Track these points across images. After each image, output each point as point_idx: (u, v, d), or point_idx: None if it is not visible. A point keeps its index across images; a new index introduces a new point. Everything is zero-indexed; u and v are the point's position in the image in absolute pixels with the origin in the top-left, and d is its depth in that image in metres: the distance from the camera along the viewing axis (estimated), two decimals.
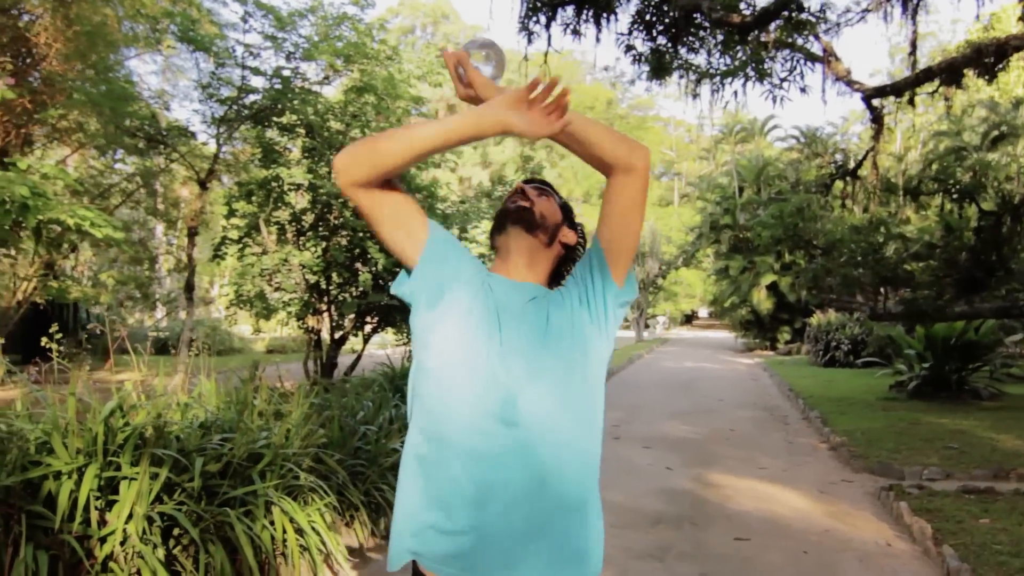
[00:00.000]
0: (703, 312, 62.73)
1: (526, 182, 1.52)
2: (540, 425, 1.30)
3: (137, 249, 19.96)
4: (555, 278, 1.51)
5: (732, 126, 30.76)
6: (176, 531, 2.85)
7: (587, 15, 9.44)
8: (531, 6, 9.34)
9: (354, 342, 10.97)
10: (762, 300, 22.69)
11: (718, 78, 8.94)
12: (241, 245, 10.54)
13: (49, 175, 7.80)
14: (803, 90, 7.86)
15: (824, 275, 9.79)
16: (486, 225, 14.41)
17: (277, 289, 10.48)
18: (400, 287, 1.42)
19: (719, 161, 36.27)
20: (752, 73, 8.07)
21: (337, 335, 10.04)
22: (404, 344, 10.91)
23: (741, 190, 24.45)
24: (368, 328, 10.50)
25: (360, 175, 1.31)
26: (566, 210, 1.55)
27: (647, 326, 33.11)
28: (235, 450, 3.08)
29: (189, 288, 11.27)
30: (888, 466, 6.10)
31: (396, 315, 10.16)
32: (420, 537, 1.32)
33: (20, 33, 12.75)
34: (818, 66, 8.97)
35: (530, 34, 10.29)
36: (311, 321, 10.34)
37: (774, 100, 8.11)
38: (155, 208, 19.09)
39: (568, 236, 1.52)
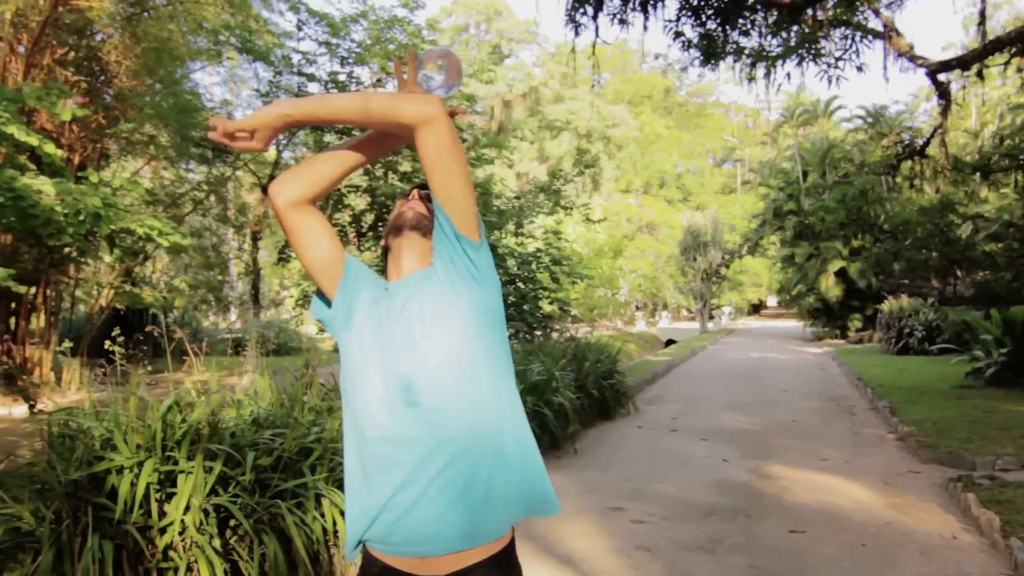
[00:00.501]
0: (772, 301, 61.28)
1: (419, 186, 1.58)
2: (439, 395, 1.37)
3: (208, 254, 20.78)
4: None
5: (794, 109, 29.83)
6: (232, 522, 2.99)
7: (634, 3, 9.33)
8: None
9: None
10: (830, 287, 21.98)
11: (772, 60, 8.71)
12: None
13: (120, 187, 8.19)
14: (860, 68, 7.60)
15: (889, 259, 9.43)
16: (542, 220, 14.44)
17: None
18: (318, 313, 1.54)
19: (781, 146, 35.26)
20: (807, 53, 7.82)
21: None
22: None
23: (805, 175, 23.73)
24: None
25: (297, 192, 1.44)
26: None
27: (712, 317, 32.55)
28: (285, 444, 3.20)
29: (255, 291, 11.69)
30: (959, 456, 5.86)
31: None
32: (360, 522, 1.40)
33: (93, 53, 13.41)
34: (878, 43, 8.66)
35: (577, 26, 10.24)
36: None
37: (829, 81, 7.87)
38: (224, 215, 19.81)
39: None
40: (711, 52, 9.76)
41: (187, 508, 2.78)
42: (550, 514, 1.46)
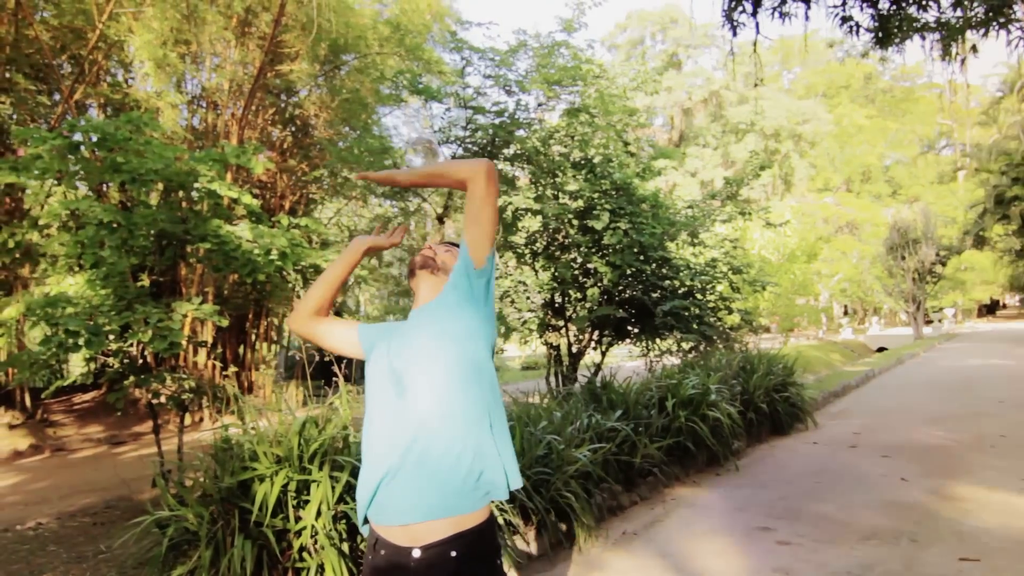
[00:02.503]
0: (1012, 300, 53.91)
1: (442, 243, 2.09)
2: (419, 387, 1.72)
3: (403, 282, 22.45)
4: None
5: (1014, 82, 26.12)
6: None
7: None
8: None
9: (593, 354, 11.23)
10: None
11: (956, 33, 7.82)
12: None
13: (306, 227, 9.18)
14: None
15: None
16: (723, 228, 13.94)
17: (517, 309, 11.13)
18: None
19: (1002, 124, 30.98)
20: (994, 21, 6.91)
21: (575, 349, 10.40)
22: (643, 355, 10.98)
23: None
24: (606, 340, 10.72)
25: (303, 319, 2.00)
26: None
27: (929, 321, 29.31)
28: None
29: None
30: None
31: (626, 327, 10.29)
32: (361, 501, 1.77)
33: (296, 110, 15.18)
34: None
35: (735, 26, 9.90)
36: (551, 337, 10.84)
37: None
38: (414, 245, 21.31)
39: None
40: (886, 33, 8.98)
41: (318, 514, 3.12)
42: (500, 497, 1.75)
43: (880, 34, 9.30)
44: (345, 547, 3.14)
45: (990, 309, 52.34)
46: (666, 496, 5.46)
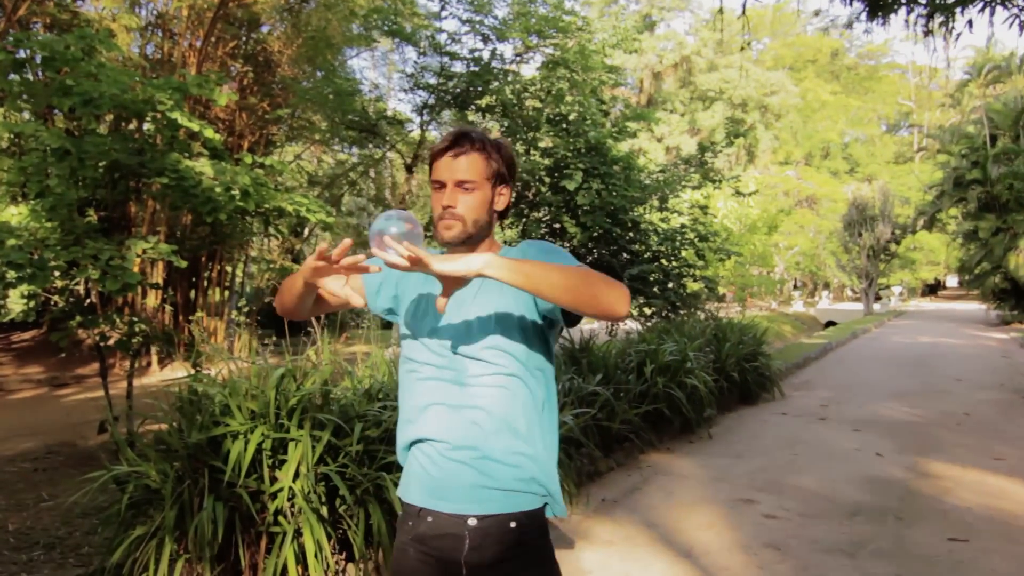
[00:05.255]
0: (952, 281, 55.75)
1: (455, 141, 1.49)
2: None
3: (364, 232, 21.92)
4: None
5: (982, 65, 26.48)
6: (341, 491, 3.05)
7: None
8: None
9: None
10: (1020, 265, 19.51)
11: (951, 8, 7.68)
12: None
13: (271, 167, 8.71)
14: None
15: None
16: (690, 195, 13.83)
17: None
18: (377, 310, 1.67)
19: (965, 108, 31.48)
20: None
21: None
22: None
23: (994, 139, 21.09)
24: None
25: (292, 309, 1.59)
26: (503, 166, 1.53)
27: (879, 298, 30.03)
28: (394, 416, 3.22)
29: None
30: None
31: None
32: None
33: (259, 45, 14.40)
34: None
35: None
36: None
37: (1021, 26, 6.81)
38: (378, 195, 20.77)
39: (501, 200, 1.56)
40: (878, 3, 8.82)
41: (296, 475, 2.85)
42: (558, 514, 1.50)
43: (872, 4, 9.13)
44: (324, 510, 2.89)
45: (932, 289, 54.07)
46: (641, 463, 5.34)
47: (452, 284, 1.28)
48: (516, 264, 1.24)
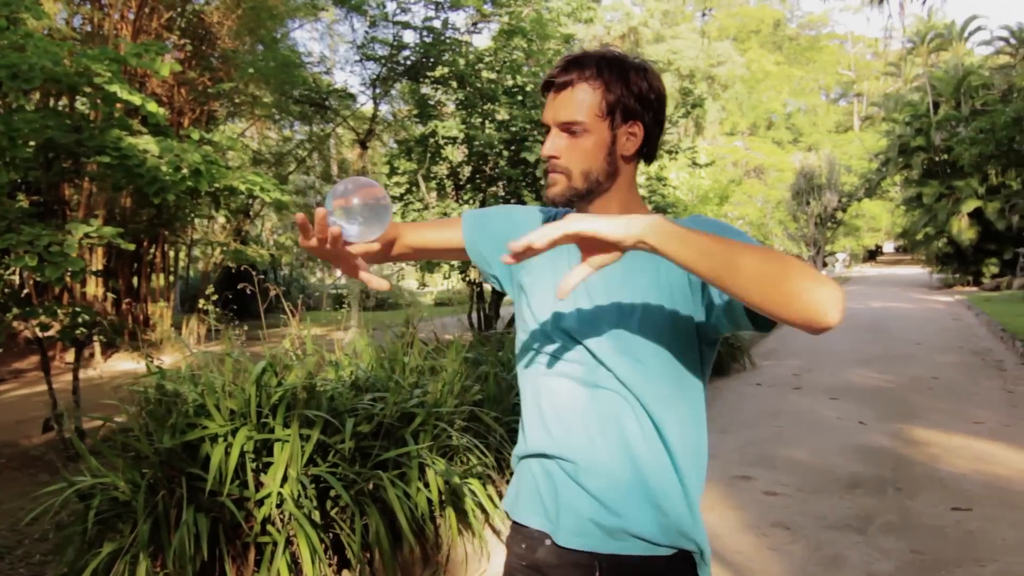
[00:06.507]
0: (888, 247, 57.54)
1: (562, 69, 1.12)
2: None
3: (311, 211, 21.26)
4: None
5: (925, 34, 27.06)
6: (332, 493, 2.79)
7: None
8: None
9: None
10: (963, 229, 20.12)
11: None
12: (403, 202, 10.75)
13: (221, 144, 8.23)
14: None
15: None
16: (643, 167, 13.74)
17: None
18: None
19: (908, 76, 32.24)
20: None
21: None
22: None
23: (936, 106, 21.58)
24: None
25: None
26: (630, 96, 1.11)
27: (825, 264, 30.73)
28: (386, 410, 2.96)
29: None
30: None
31: None
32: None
33: (197, 16, 13.65)
34: None
35: None
36: (472, 273, 10.40)
37: None
38: (327, 172, 20.13)
39: (631, 143, 1.13)
40: None
41: (284, 479, 2.58)
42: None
43: None
44: (316, 516, 2.63)
45: (872, 255, 55.74)
46: None
47: (600, 254, 0.90)
48: (690, 235, 0.88)
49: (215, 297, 4.20)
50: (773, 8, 51.79)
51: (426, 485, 2.95)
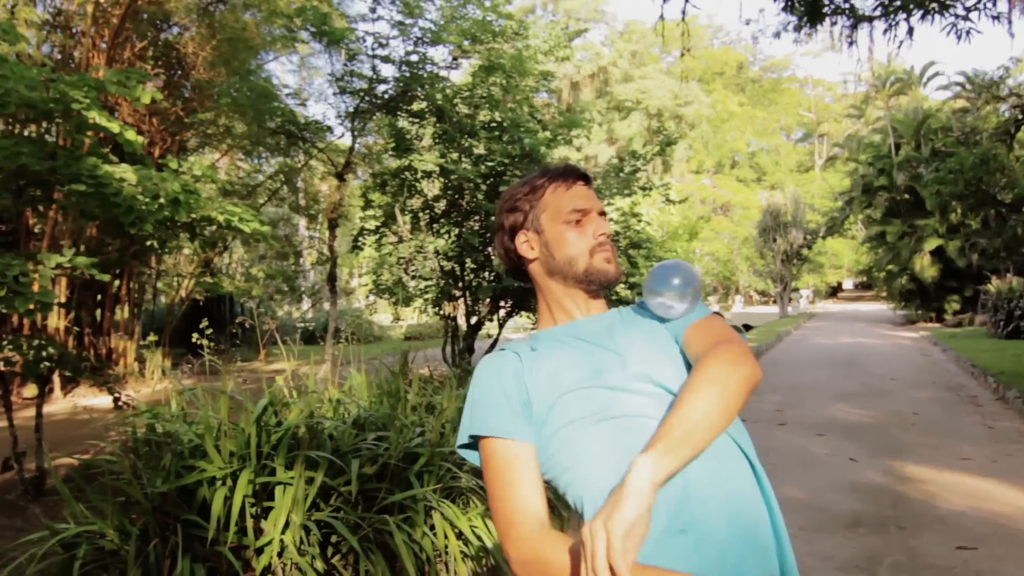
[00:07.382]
0: (848, 283, 58.76)
1: (583, 172, 1.40)
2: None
3: (283, 244, 20.94)
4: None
5: (886, 78, 28.02)
6: (333, 538, 2.64)
7: None
8: None
9: (490, 327, 10.83)
10: (925, 267, 20.61)
11: (885, 17, 7.90)
12: (378, 235, 10.61)
13: (200, 175, 8.06)
14: (997, 19, 6.73)
15: (1018, 235, 8.53)
16: (618, 202, 13.84)
17: (414, 277, 10.53)
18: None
19: (869, 118, 33.29)
20: (934, 4, 6.96)
21: (473, 320, 9.89)
22: (534, 327, 10.64)
23: (898, 147, 22.26)
24: (503, 312, 10.31)
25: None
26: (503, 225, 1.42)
27: (790, 300, 31.21)
28: (391, 450, 2.82)
29: (332, 280, 11.48)
30: None
31: (531, 299, 9.89)
32: None
33: (171, 46, 13.50)
34: None
35: None
36: (447, 308, 10.28)
37: (958, 35, 7.02)
38: (297, 204, 19.93)
39: (523, 248, 1.37)
40: (814, 11, 9.00)
41: (286, 525, 2.43)
42: None
43: (808, 11, 9.33)
44: (320, 565, 2.48)
45: (833, 291, 56.86)
46: None
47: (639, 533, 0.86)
48: (671, 445, 0.95)
49: (205, 328, 4.03)
50: (736, 52, 53.28)
51: (432, 528, 2.82)
